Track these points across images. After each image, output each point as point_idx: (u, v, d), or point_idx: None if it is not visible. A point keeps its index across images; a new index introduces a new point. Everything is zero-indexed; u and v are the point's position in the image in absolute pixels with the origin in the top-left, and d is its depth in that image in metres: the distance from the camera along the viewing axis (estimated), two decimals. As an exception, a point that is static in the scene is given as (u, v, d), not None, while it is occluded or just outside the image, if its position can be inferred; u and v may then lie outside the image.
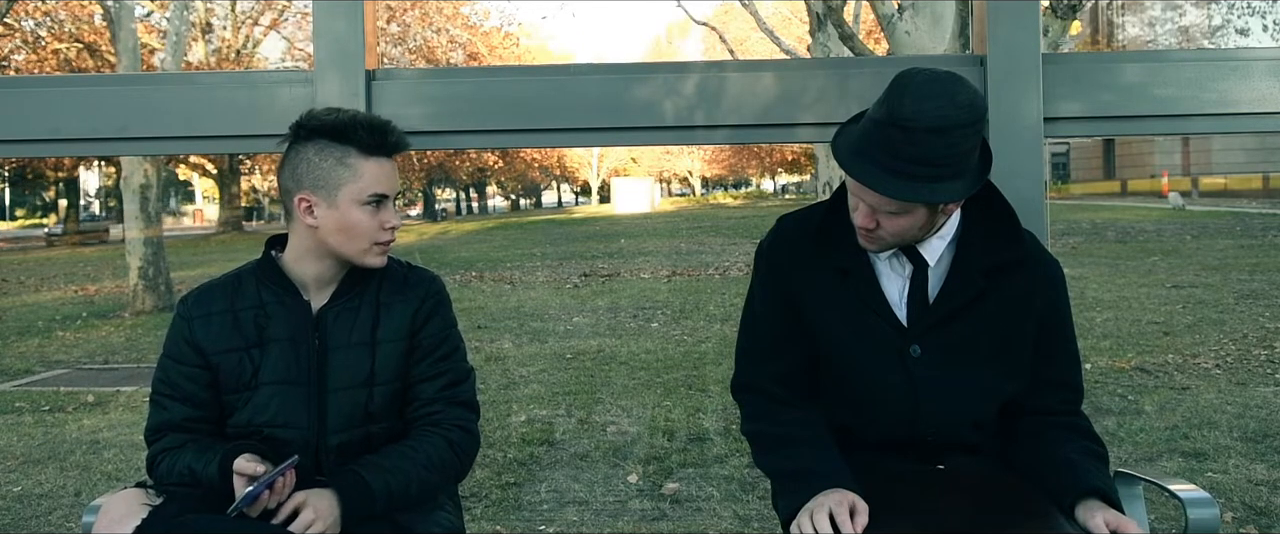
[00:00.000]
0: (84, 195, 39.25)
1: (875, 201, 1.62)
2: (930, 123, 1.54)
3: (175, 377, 1.80)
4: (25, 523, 4.04)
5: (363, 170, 1.76)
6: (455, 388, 1.86)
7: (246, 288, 1.83)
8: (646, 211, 37.25)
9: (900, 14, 7.70)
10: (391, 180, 1.80)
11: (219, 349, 1.79)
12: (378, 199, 1.78)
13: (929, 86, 1.57)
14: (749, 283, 1.86)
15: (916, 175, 1.57)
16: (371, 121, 1.79)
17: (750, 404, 1.83)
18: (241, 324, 1.80)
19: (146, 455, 1.83)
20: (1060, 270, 1.80)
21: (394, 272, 1.88)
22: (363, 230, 1.78)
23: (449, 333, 1.88)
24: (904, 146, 1.56)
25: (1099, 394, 5.61)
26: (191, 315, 1.82)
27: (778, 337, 1.79)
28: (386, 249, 1.83)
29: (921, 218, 1.64)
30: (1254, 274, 10.89)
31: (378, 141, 1.78)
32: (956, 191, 1.60)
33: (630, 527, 3.73)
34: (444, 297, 1.90)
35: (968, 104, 1.57)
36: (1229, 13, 26.57)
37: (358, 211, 1.76)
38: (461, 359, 1.90)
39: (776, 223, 1.85)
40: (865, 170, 1.60)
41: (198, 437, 1.79)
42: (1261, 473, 4.16)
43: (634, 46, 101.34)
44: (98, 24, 21.89)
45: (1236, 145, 33.87)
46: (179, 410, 1.79)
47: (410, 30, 28.91)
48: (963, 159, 1.59)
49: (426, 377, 1.84)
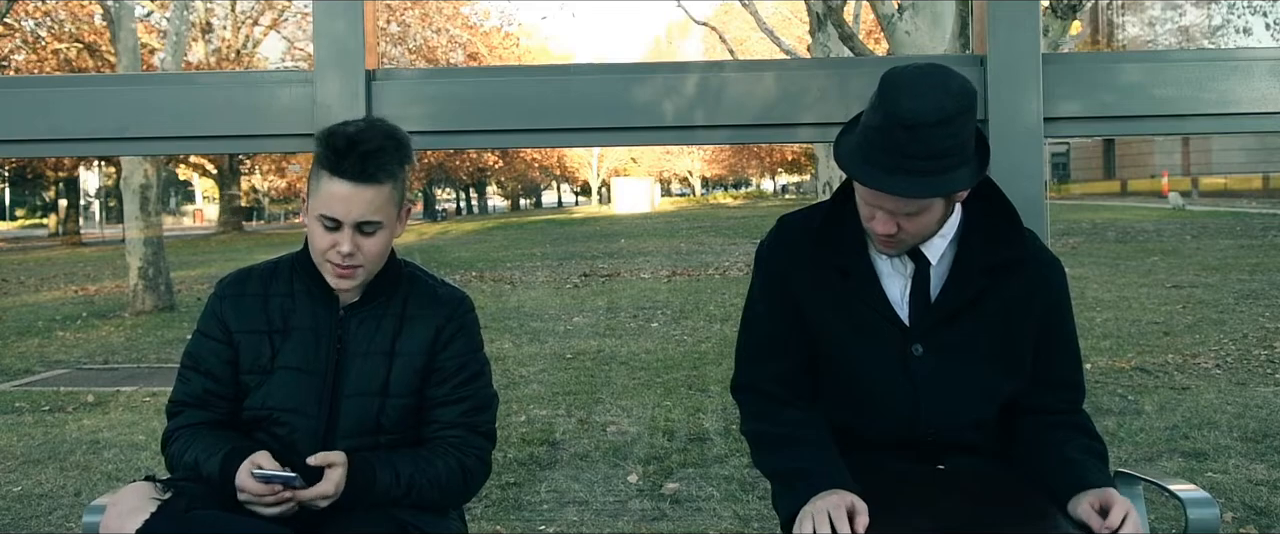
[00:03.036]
0: (84, 195, 39.22)
1: (895, 206, 1.61)
2: (933, 117, 1.55)
3: (201, 350, 1.84)
4: (25, 523, 4.04)
5: (321, 186, 1.72)
6: (477, 415, 1.86)
7: (281, 276, 1.87)
8: (646, 211, 37.25)
9: (900, 14, 7.70)
10: (348, 207, 1.70)
11: (243, 328, 1.82)
12: (330, 221, 1.73)
13: (921, 82, 1.58)
14: (749, 283, 1.86)
15: (929, 170, 1.57)
16: (351, 141, 1.70)
17: (750, 404, 1.83)
18: (269, 309, 1.83)
19: (164, 431, 1.87)
20: (1062, 269, 1.79)
21: (424, 284, 1.88)
22: (315, 245, 1.77)
23: (473, 357, 1.87)
24: (911, 144, 1.56)
25: (1099, 394, 5.61)
26: (225, 294, 1.86)
27: (778, 337, 1.79)
28: (345, 275, 1.76)
29: (939, 210, 1.64)
30: (1254, 274, 10.89)
31: (337, 162, 1.70)
32: (967, 178, 1.62)
33: (630, 527, 3.73)
34: (471, 319, 1.88)
35: (960, 91, 1.58)
36: (1229, 12, 26.56)
37: (315, 225, 1.75)
38: (485, 385, 1.89)
39: (777, 223, 1.85)
40: (880, 178, 1.59)
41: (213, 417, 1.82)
42: (1261, 473, 4.16)
43: (634, 46, 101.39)
44: (98, 24, 21.87)
45: (1236, 145, 33.87)
46: (199, 383, 1.83)
47: (410, 30, 28.90)
48: (966, 145, 1.61)
49: (448, 400, 1.83)
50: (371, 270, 1.80)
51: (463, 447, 1.84)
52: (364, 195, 1.71)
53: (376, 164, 1.71)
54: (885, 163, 1.58)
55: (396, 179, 1.76)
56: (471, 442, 1.85)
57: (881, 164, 1.59)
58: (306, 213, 1.78)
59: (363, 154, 1.70)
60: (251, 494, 1.66)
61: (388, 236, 1.78)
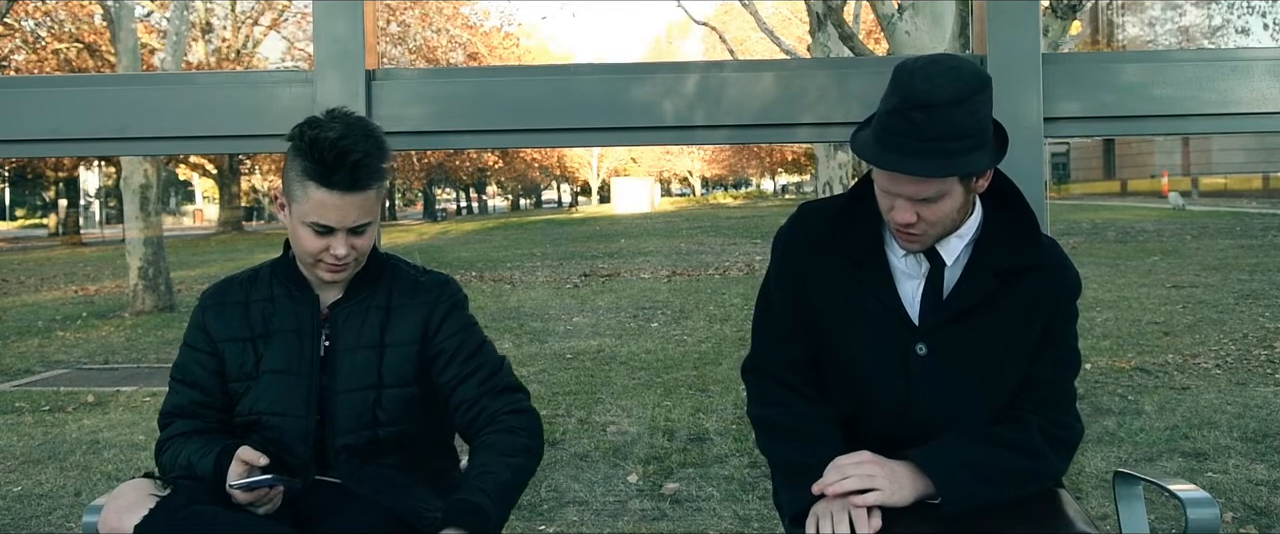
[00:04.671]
0: (84, 195, 39.23)
1: (913, 190, 1.60)
2: (949, 96, 1.55)
3: (188, 362, 1.86)
4: (25, 523, 4.04)
5: (310, 195, 1.72)
6: (494, 378, 1.85)
7: (261, 281, 1.88)
8: (646, 211, 37.26)
9: (900, 14, 7.71)
10: (341, 213, 1.72)
11: (226, 337, 1.83)
12: (321, 228, 1.73)
13: (933, 66, 1.59)
14: (764, 271, 1.86)
15: (946, 152, 1.57)
16: (339, 152, 1.69)
17: (760, 387, 1.82)
18: (251, 315, 1.84)
19: (156, 440, 1.88)
20: (1077, 280, 1.76)
21: (405, 275, 1.88)
22: (305, 248, 1.77)
23: (469, 332, 1.87)
24: (929, 125, 1.56)
25: (1099, 394, 5.61)
26: (208, 304, 1.88)
27: (791, 322, 1.79)
28: (336, 271, 1.78)
29: (959, 199, 1.63)
30: (1254, 274, 10.89)
31: (327, 175, 1.69)
32: (986, 160, 1.61)
33: (630, 527, 3.72)
34: (458, 299, 1.88)
35: (973, 74, 1.59)
36: (1229, 12, 26.56)
37: (302, 229, 1.75)
38: (491, 352, 1.89)
39: (797, 209, 1.85)
40: (895, 159, 1.59)
41: (205, 426, 1.83)
42: (1261, 473, 4.16)
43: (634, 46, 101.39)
44: (98, 24, 21.89)
45: (1236, 145, 33.88)
46: (187, 395, 1.85)
47: (410, 30, 28.91)
48: (984, 128, 1.61)
49: (461, 378, 1.83)
50: (361, 263, 1.83)
51: (497, 413, 1.80)
52: (356, 202, 1.73)
53: (366, 171, 1.71)
54: (902, 146, 1.58)
55: (384, 179, 1.78)
56: (500, 402, 1.82)
57: (898, 147, 1.58)
58: (288, 215, 1.77)
59: (353, 164, 1.70)
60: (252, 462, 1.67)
61: (375, 229, 1.81)
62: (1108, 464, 4.31)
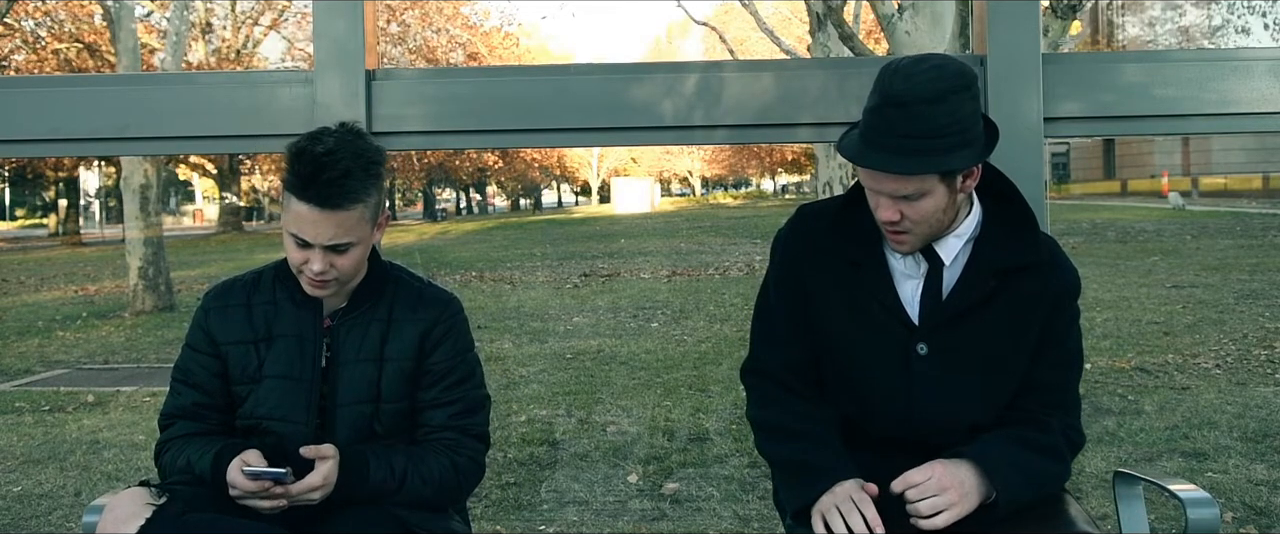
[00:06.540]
0: (84, 195, 39.20)
1: (893, 187, 1.61)
2: (926, 94, 1.55)
3: (190, 364, 1.85)
4: (25, 523, 4.04)
5: (290, 205, 1.71)
6: (469, 418, 1.85)
7: (264, 284, 1.87)
8: (646, 211, 37.24)
9: (900, 14, 7.70)
10: (316, 229, 1.68)
11: (229, 340, 1.83)
12: (300, 240, 1.71)
13: (915, 64, 1.60)
14: (764, 273, 1.86)
15: (924, 150, 1.57)
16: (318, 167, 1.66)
17: (759, 389, 1.82)
18: (253, 319, 1.83)
19: (156, 441, 1.87)
20: (1077, 280, 1.76)
21: (408, 286, 1.87)
22: (290, 258, 1.77)
23: (462, 359, 1.86)
24: (905, 123, 1.56)
25: (1099, 394, 5.61)
26: (210, 306, 1.87)
27: (791, 324, 1.79)
28: (315, 286, 1.76)
29: (942, 199, 1.63)
30: (1254, 274, 10.89)
31: (302, 188, 1.68)
32: (967, 159, 1.61)
33: (630, 527, 3.73)
34: (459, 320, 1.87)
35: (956, 72, 1.59)
36: (1229, 12, 26.56)
37: (287, 237, 1.75)
38: (477, 386, 1.88)
39: (796, 211, 1.85)
40: (873, 156, 1.59)
41: (206, 428, 1.82)
42: (1261, 473, 4.16)
43: (634, 46, 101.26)
44: (98, 24, 21.88)
45: (1236, 145, 33.86)
46: (190, 396, 1.84)
47: (410, 30, 28.90)
48: (966, 127, 1.59)
49: (438, 403, 1.83)
50: (346, 281, 1.80)
51: (455, 447, 1.83)
52: (332, 219, 1.69)
53: (341, 190, 1.67)
54: (880, 142, 1.59)
55: (366, 200, 1.72)
56: (463, 444, 1.84)
57: (877, 144, 1.59)
58: (283, 221, 1.78)
59: (327, 181, 1.66)
60: (242, 491, 1.66)
61: (362, 251, 1.77)
62: (1108, 464, 4.31)
